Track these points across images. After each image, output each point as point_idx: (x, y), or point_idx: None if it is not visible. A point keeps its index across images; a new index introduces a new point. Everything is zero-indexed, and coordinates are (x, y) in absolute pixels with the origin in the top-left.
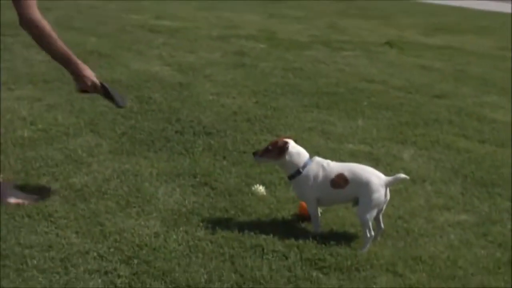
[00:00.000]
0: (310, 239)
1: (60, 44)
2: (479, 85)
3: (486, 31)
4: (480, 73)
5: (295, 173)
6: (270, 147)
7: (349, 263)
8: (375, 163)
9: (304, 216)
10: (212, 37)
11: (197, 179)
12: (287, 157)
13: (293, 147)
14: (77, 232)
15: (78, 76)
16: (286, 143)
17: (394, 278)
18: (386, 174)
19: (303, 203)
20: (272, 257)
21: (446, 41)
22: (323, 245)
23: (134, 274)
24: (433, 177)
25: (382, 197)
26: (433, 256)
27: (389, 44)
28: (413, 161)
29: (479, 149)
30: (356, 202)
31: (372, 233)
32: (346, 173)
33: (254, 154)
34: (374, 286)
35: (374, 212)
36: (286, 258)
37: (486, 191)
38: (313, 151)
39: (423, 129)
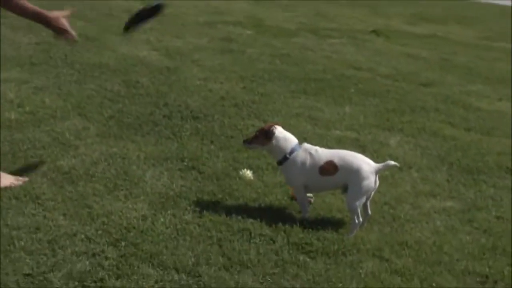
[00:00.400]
0: (297, 223)
1: (27, 5)
2: (464, 74)
3: (469, 21)
4: (465, 62)
5: (283, 158)
6: (258, 133)
7: (335, 247)
8: (362, 150)
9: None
10: (199, 23)
11: (185, 163)
12: (273, 142)
13: (280, 132)
14: (64, 214)
15: (50, 21)
16: (272, 127)
17: (380, 263)
18: (373, 160)
19: None
20: (260, 241)
21: (431, 31)
22: (310, 230)
23: (121, 257)
24: (419, 164)
25: (372, 184)
26: (419, 241)
27: (376, 32)
28: (399, 148)
29: (465, 137)
30: (345, 189)
31: (360, 219)
32: (336, 160)
33: (244, 141)
34: (361, 271)
35: (363, 199)
36: (274, 242)
37: (472, 178)
38: (301, 137)
39: (409, 116)
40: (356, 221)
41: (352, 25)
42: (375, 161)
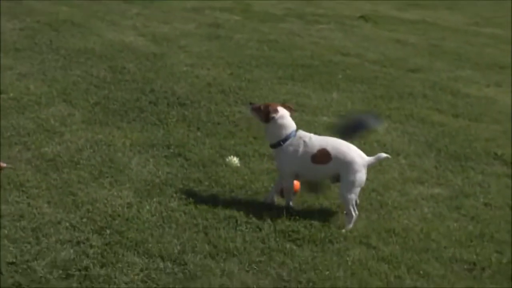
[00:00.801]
0: (284, 211)
1: None
2: (453, 60)
3: (458, 6)
4: (454, 48)
5: (276, 143)
6: (262, 108)
7: (322, 235)
8: None
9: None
10: (186, 9)
11: (171, 150)
12: (270, 125)
13: (281, 117)
14: (49, 202)
15: None
16: (275, 112)
17: (367, 250)
18: (360, 147)
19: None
20: (246, 228)
21: (420, 16)
22: (297, 217)
23: (106, 245)
24: (407, 151)
25: (364, 177)
26: (406, 228)
27: (364, 18)
28: (387, 134)
29: (453, 123)
30: (335, 179)
31: (357, 212)
32: (329, 149)
33: (251, 103)
34: (347, 258)
35: (357, 191)
36: (260, 230)
37: (460, 164)
38: None
39: (397, 102)
40: (353, 213)
41: (340, 11)
42: (363, 147)
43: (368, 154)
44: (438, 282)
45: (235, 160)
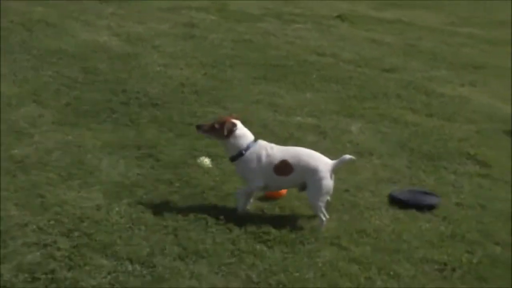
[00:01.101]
0: (255, 212)
1: None
2: (428, 59)
3: (436, 5)
4: (430, 47)
5: (237, 154)
6: (216, 125)
7: (293, 236)
8: (323, 136)
9: (270, 196)
10: (162, 8)
11: (142, 151)
12: (231, 139)
13: (240, 129)
14: (16, 204)
15: None
16: (234, 126)
17: (338, 251)
18: (333, 147)
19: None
20: (216, 230)
21: (397, 16)
22: (268, 218)
23: (74, 247)
24: (380, 151)
25: (331, 182)
26: (378, 229)
27: (341, 17)
28: (360, 134)
29: (426, 123)
30: (302, 187)
31: (327, 216)
32: (291, 160)
33: (198, 127)
34: (318, 259)
35: (325, 198)
36: (230, 231)
37: (432, 164)
38: (261, 124)
39: (371, 102)
40: (323, 218)
41: (318, 10)
42: (336, 147)
43: (340, 154)
44: (409, 283)
45: (206, 161)
